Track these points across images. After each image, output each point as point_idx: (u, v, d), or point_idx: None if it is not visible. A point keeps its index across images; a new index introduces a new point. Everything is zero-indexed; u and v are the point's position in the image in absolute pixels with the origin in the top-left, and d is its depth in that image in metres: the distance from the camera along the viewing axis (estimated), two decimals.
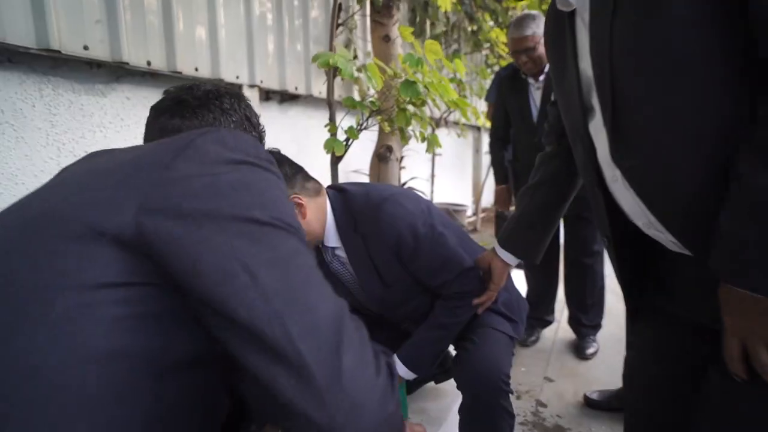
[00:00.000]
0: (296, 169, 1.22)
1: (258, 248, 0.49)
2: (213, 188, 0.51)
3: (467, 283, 1.25)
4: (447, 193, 4.60)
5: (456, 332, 1.28)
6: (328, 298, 0.50)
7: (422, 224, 1.22)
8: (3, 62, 1.49)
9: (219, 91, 0.80)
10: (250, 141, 0.60)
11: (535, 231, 1.18)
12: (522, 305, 1.44)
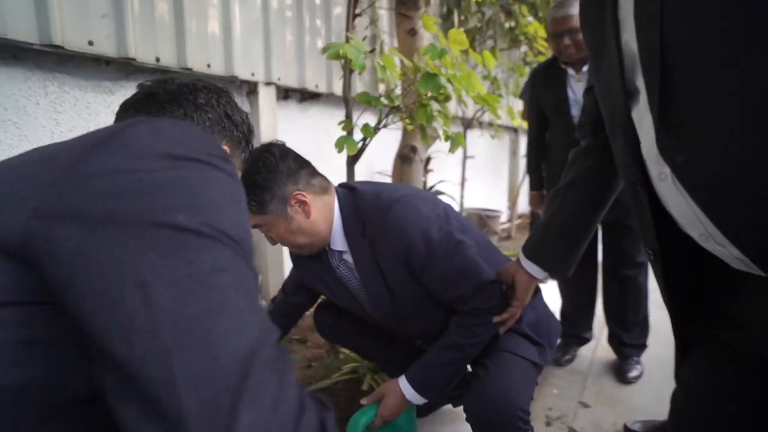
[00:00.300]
0: (301, 164, 1.11)
1: (168, 262, 0.39)
2: (135, 186, 0.42)
3: (486, 299, 1.09)
4: (480, 197, 4.40)
5: (473, 354, 1.12)
6: (243, 330, 0.39)
7: (437, 230, 1.07)
8: (7, 59, 1.45)
9: (195, 86, 0.72)
10: (198, 134, 0.51)
11: (566, 240, 1.01)
12: (553, 326, 1.26)
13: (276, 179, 1.06)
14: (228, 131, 0.73)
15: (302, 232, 1.11)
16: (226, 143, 0.73)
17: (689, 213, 0.64)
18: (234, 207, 0.47)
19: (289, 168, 1.08)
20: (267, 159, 1.07)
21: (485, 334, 1.11)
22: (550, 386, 1.90)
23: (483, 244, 1.23)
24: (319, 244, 1.17)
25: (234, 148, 0.75)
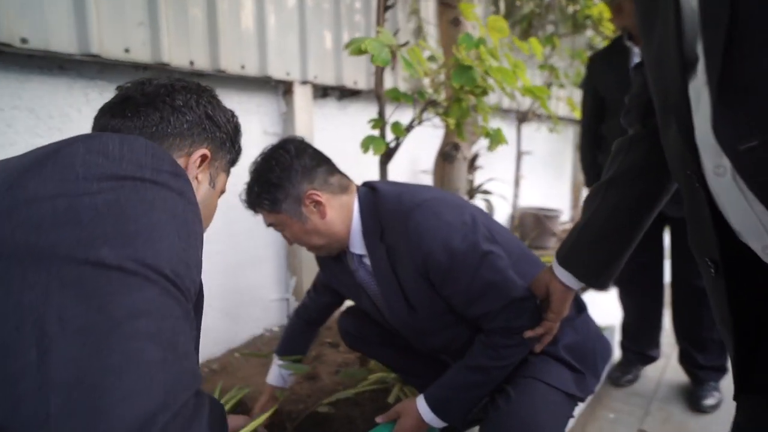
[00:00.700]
0: (318, 162, 1.05)
1: (81, 308, 0.36)
2: (66, 214, 0.39)
3: (516, 317, 0.97)
4: (538, 196, 4.15)
5: (499, 378, 1.01)
6: (143, 393, 0.34)
7: (461, 239, 0.97)
8: (53, 69, 1.51)
9: (173, 86, 0.70)
10: (144, 149, 0.48)
11: (605, 246, 0.87)
12: (600, 352, 1.10)
13: (290, 177, 1.01)
14: (209, 132, 0.71)
15: (317, 232, 1.05)
16: (207, 145, 0.71)
17: (752, 218, 0.50)
18: (174, 233, 0.44)
19: (305, 166, 1.03)
20: (281, 156, 1.03)
21: (514, 357, 0.99)
22: (606, 409, 1.71)
23: (518, 254, 1.10)
24: (336, 245, 1.10)
25: (217, 150, 0.73)
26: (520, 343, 0.98)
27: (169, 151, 0.67)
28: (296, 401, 1.60)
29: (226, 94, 1.91)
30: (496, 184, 2.80)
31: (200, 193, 0.71)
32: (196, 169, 0.69)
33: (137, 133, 0.66)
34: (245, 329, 2.17)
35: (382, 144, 1.38)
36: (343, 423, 1.44)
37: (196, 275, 0.46)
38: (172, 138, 0.67)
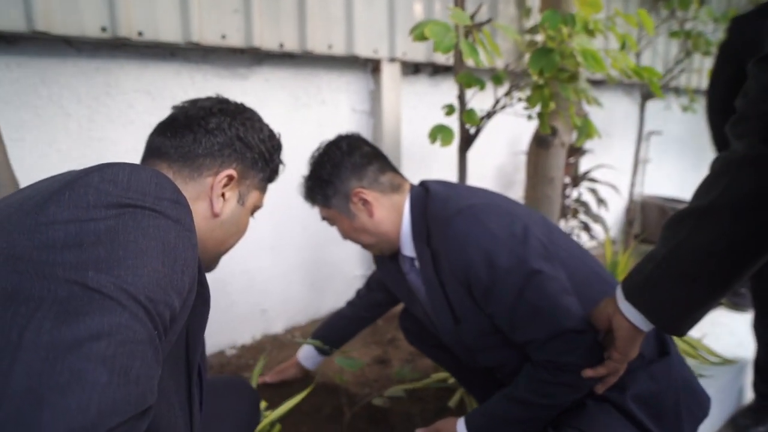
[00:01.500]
0: (369, 159, 1.04)
1: (54, 323, 0.40)
2: (71, 238, 0.45)
3: (565, 352, 0.84)
4: (669, 183, 3.62)
5: (545, 417, 0.89)
6: (77, 413, 0.37)
7: (507, 253, 0.87)
8: (165, 56, 1.68)
9: (212, 110, 0.77)
10: (151, 179, 0.53)
11: (692, 288, 0.71)
12: (686, 407, 0.90)
13: (339, 174, 1.02)
14: (239, 153, 0.77)
15: (365, 231, 1.05)
16: (236, 166, 0.77)
17: None
18: (158, 260, 0.48)
19: (354, 163, 1.02)
20: (333, 153, 1.03)
21: (562, 397, 0.86)
22: None
23: (585, 275, 0.95)
24: (387, 246, 1.08)
25: (247, 170, 0.79)
26: (571, 383, 0.84)
27: (199, 170, 0.73)
28: (363, 384, 1.66)
29: (314, 74, 1.96)
30: (606, 172, 2.50)
31: (227, 210, 0.77)
32: (221, 188, 0.75)
33: (173, 151, 0.73)
34: (329, 302, 2.29)
35: (450, 135, 1.30)
36: (401, 418, 1.45)
37: (175, 299, 0.50)
38: (202, 158, 0.73)
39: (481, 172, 2.72)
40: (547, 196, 1.91)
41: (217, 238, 0.77)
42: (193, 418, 0.66)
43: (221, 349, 1.95)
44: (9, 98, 1.32)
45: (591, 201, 2.51)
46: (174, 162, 0.73)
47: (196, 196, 0.73)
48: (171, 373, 0.62)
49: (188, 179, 0.73)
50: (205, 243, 0.75)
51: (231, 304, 1.94)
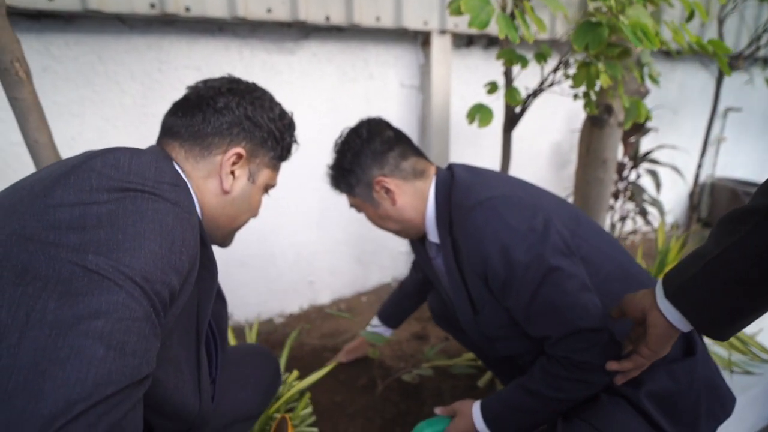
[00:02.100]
0: (390, 145, 1.01)
1: (59, 303, 0.44)
2: (76, 221, 0.49)
3: (581, 351, 0.82)
4: (747, 165, 3.30)
5: (558, 410, 0.88)
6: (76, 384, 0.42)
7: (525, 249, 0.83)
8: (214, 32, 1.70)
9: (219, 90, 0.77)
10: (151, 163, 0.57)
11: (746, 294, 0.64)
12: (706, 406, 0.86)
13: (360, 163, 1.00)
14: (247, 132, 0.77)
15: (390, 218, 1.04)
16: (245, 144, 0.78)
17: None
18: (155, 242, 0.51)
19: (374, 151, 1.00)
20: (353, 141, 1.01)
21: (575, 392, 0.84)
22: None
23: (610, 271, 0.91)
24: (412, 231, 1.07)
25: (256, 148, 0.79)
26: (585, 380, 0.83)
27: (209, 149, 0.74)
28: (399, 358, 1.68)
29: (362, 48, 1.92)
30: (671, 153, 2.31)
31: (237, 187, 0.78)
32: (230, 166, 0.76)
33: (183, 131, 0.74)
34: (374, 276, 2.31)
35: (489, 115, 1.23)
36: (431, 393, 1.47)
37: (173, 277, 0.53)
38: (211, 137, 0.74)
39: (535, 150, 2.61)
40: (598, 179, 1.79)
41: (228, 215, 0.79)
42: (201, 383, 0.71)
43: (270, 317, 2.03)
44: (70, 76, 1.39)
45: (649, 184, 2.34)
46: (185, 141, 0.74)
47: (206, 174, 0.75)
48: (181, 342, 0.66)
49: (199, 158, 0.74)
50: (217, 219, 0.77)
51: (280, 276, 2.01)
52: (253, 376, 1.05)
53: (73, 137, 1.44)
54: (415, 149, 1.05)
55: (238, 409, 0.99)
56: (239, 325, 1.94)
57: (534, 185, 1.04)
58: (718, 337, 0.69)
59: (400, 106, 2.09)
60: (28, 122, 0.87)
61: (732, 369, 1.57)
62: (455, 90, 2.18)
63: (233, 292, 1.91)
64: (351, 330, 1.89)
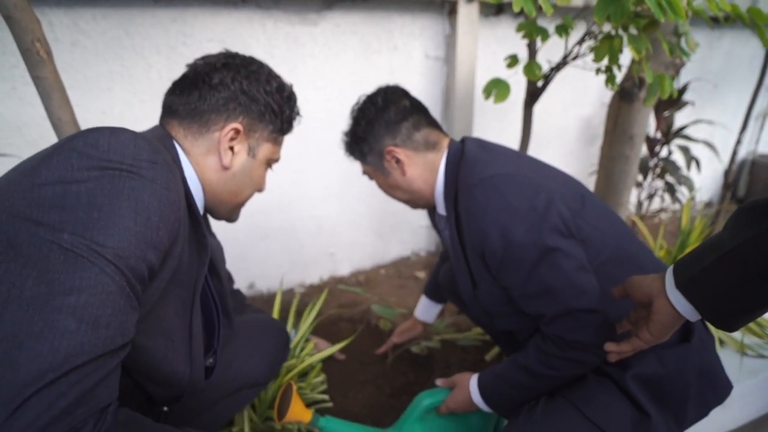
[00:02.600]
0: (404, 115, 1.00)
1: (38, 280, 0.48)
2: (58, 199, 0.52)
3: (574, 331, 0.83)
4: None
5: (549, 387, 0.90)
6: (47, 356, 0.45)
7: (525, 230, 0.83)
8: (237, 3, 1.71)
9: (215, 65, 0.78)
10: (129, 141, 0.58)
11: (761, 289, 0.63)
12: (697, 392, 0.87)
13: (373, 131, 1.01)
14: (244, 107, 0.78)
15: (399, 188, 1.05)
16: (242, 119, 0.78)
17: None
18: (131, 219, 0.54)
19: (388, 120, 1.00)
20: (368, 109, 1.02)
21: (566, 370, 0.86)
22: None
23: (613, 253, 0.91)
24: (421, 202, 1.08)
25: (254, 122, 0.80)
26: (577, 359, 0.84)
27: (207, 126, 0.75)
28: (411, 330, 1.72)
29: (387, 18, 1.89)
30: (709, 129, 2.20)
31: (237, 162, 0.79)
32: (228, 142, 0.77)
33: (181, 108, 0.75)
34: (394, 250, 2.34)
35: (506, 90, 1.20)
36: (440, 365, 1.50)
37: (149, 252, 0.56)
38: (208, 114, 0.75)
39: (562, 124, 2.53)
40: (623, 155, 1.74)
41: (230, 190, 0.80)
42: (192, 353, 0.75)
43: (291, 287, 2.10)
44: (99, 50, 1.44)
45: (681, 160, 2.25)
46: (183, 119, 0.75)
47: (206, 150, 0.76)
48: (176, 314, 0.70)
49: (197, 135, 0.75)
50: (219, 195, 0.80)
51: (301, 247, 2.06)
52: (262, 346, 1.10)
53: (103, 111, 1.50)
54: (431, 120, 1.04)
55: (245, 376, 1.05)
56: (261, 294, 2.02)
57: (543, 163, 1.03)
58: (726, 328, 0.68)
59: (424, 79, 2.06)
60: (51, 100, 0.91)
61: (745, 352, 1.54)
62: (482, 62, 2.13)
63: (256, 263, 1.98)
64: (369, 302, 1.94)
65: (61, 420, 0.45)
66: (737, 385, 1.40)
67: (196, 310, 0.75)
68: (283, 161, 1.86)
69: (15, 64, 1.34)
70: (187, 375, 0.74)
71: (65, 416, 0.45)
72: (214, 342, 0.90)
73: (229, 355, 1.02)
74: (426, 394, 1.06)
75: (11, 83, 1.36)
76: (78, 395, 0.46)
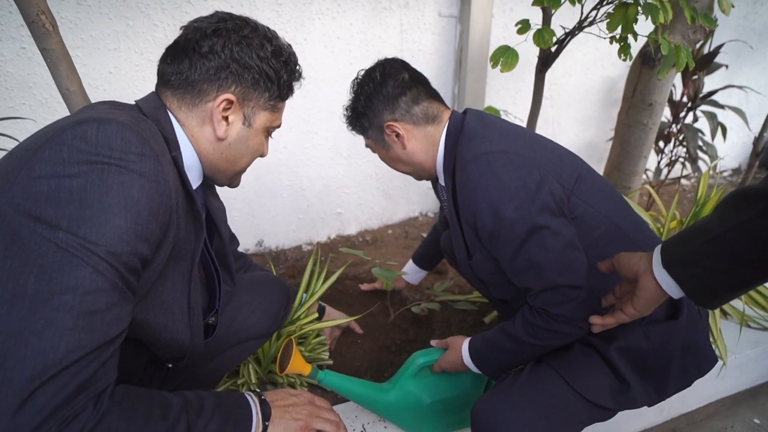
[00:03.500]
0: (403, 89, 1.00)
1: (39, 279, 0.52)
2: (53, 194, 0.54)
3: (558, 304, 0.86)
4: None
5: (534, 353, 0.95)
6: (48, 352, 0.50)
7: (515, 207, 0.86)
8: None
9: (205, 32, 0.74)
10: (117, 134, 0.59)
11: (744, 273, 0.66)
12: (680, 365, 0.91)
13: (372, 106, 1.02)
14: (236, 75, 0.75)
15: (400, 160, 1.07)
16: (235, 89, 0.75)
17: None
18: (121, 216, 0.56)
19: (387, 95, 1.00)
20: (366, 84, 1.02)
21: (550, 340, 0.90)
22: (752, 412, 1.39)
23: (605, 231, 0.93)
24: (423, 174, 1.10)
25: (248, 91, 0.77)
26: (560, 330, 0.88)
27: (199, 96, 0.73)
28: (417, 289, 1.76)
29: None
30: (739, 93, 2.09)
31: (232, 132, 0.77)
32: (221, 112, 0.74)
33: (173, 78, 0.73)
34: (401, 211, 2.36)
35: (515, 58, 1.16)
36: (440, 324, 1.55)
37: (141, 246, 0.59)
38: (199, 84, 0.73)
39: (583, 86, 2.44)
40: (641, 123, 1.68)
41: (228, 159, 0.80)
42: (191, 321, 0.79)
43: (299, 245, 2.16)
44: (104, 9, 1.43)
45: (706, 127, 2.15)
46: (176, 89, 0.73)
47: (200, 121, 0.74)
48: (174, 287, 0.74)
49: (191, 106, 0.74)
50: (216, 164, 0.79)
51: (309, 207, 2.10)
52: (264, 301, 1.15)
53: (110, 71, 1.51)
54: (431, 92, 1.04)
55: (249, 329, 1.11)
56: (270, 251, 2.08)
57: (542, 139, 1.02)
58: (709, 306, 0.72)
59: (436, 38, 2.00)
60: (59, 71, 0.92)
61: (748, 324, 1.54)
62: (498, 19, 2.03)
63: (265, 221, 2.03)
64: (374, 261, 1.98)
65: (64, 407, 0.50)
66: (734, 355, 1.42)
67: (195, 281, 0.78)
68: (291, 122, 1.86)
69: (23, 24, 1.36)
70: (187, 342, 0.79)
71: (68, 403, 0.51)
72: (215, 302, 0.94)
73: (232, 311, 1.08)
74: (420, 354, 1.11)
75: (19, 43, 1.38)
76: (77, 385, 0.51)
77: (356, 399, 1.09)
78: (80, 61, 1.46)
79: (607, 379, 0.89)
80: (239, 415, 0.67)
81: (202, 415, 0.62)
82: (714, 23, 1.14)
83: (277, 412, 0.73)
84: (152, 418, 0.57)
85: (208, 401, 0.65)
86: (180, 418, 0.60)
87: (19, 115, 1.45)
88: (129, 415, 0.55)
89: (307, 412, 0.75)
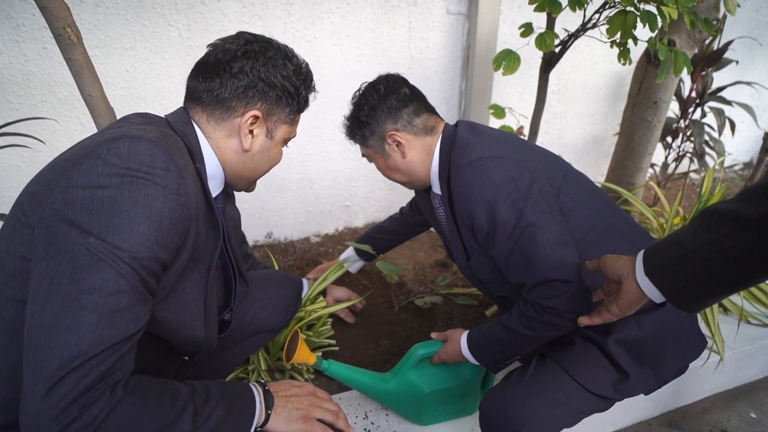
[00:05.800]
0: (405, 102, 1.08)
1: (70, 279, 0.59)
2: (87, 203, 0.62)
3: (549, 297, 0.92)
4: None
5: (529, 346, 1.01)
6: (74, 344, 0.57)
7: (508, 206, 0.93)
8: None
9: (235, 54, 0.82)
10: (146, 151, 0.66)
11: (719, 285, 0.71)
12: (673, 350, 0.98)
13: (375, 116, 1.08)
14: (262, 93, 0.83)
15: (398, 170, 1.13)
16: (261, 105, 0.84)
17: None
18: (145, 225, 0.63)
19: (390, 106, 1.07)
20: (370, 96, 1.10)
21: (545, 332, 0.96)
22: (749, 406, 1.42)
23: (592, 228, 1.00)
24: (418, 183, 1.16)
25: (272, 107, 0.85)
26: (553, 322, 0.93)
27: (228, 112, 0.81)
28: (422, 282, 1.82)
29: None
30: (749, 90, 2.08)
31: (256, 145, 0.86)
32: (248, 126, 0.83)
33: (205, 96, 0.81)
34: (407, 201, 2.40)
35: (516, 61, 1.19)
36: (443, 316, 1.60)
37: (162, 252, 0.65)
38: (229, 101, 0.81)
39: (591, 81, 2.44)
40: (646, 121, 1.69)
41: (249, 168, 0.88)
42: (207, 320, 0.85)
43: (307, 236, 2.22)
44: (121, 11, 1.49)
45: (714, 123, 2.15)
46: (207, 105, 0.81)
47: (227, 134, 0.83)
48: (193, 287, 0.80)
49: (220, 120, 0.82)
50: (239, 173, 0.88)
51: (317, 199, 2.15)
52: (276, 297, 1.22)
53: (127, 69, 1.57)
54: (428, 107, 1.11)
55: (260, 323, 1.18)
56: (279, 242, 2.15)
57: (529, 144, 1.09)
58: (689, 311, 0.76)
59: (444, 35, 2.02)
60: (82, 79, 0.99)
61: (748, 320, 1.56)
62: (505, 16, 2.05)
63: (274, 213, 2.09)
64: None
65: (85, 393, 0.57)
66: (732, 351, 1.46)
67: (211, 282, 0.85)
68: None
69: (45, 25, 1.42)
70: (203, 339, 0.86)
71: (88, 390, 0.57)
72: (231, 299, 1.01)
73: (245, 306, 1.15)
74: (420, 345, 1.16)
75: (41, 44, 1.44)
76: (98, 375, 0.58)
77: (359, 387, 1.15)
78: (98, 61, 1.52)
79: (608, 372, 0.96)
80: (243, 403, 0.73)
81: (208, 403, 0.68)
82: (713, 28, 1.15)
83: (280, 401, 0.78)
84: (162, 405, 0.64)
85: (214, 390, 0.71)
86: (187, 405, 0.66)
87: (41, 113, 1.51)
88: (141, 403, 0.62)
89: (308, 402, 0.81)
